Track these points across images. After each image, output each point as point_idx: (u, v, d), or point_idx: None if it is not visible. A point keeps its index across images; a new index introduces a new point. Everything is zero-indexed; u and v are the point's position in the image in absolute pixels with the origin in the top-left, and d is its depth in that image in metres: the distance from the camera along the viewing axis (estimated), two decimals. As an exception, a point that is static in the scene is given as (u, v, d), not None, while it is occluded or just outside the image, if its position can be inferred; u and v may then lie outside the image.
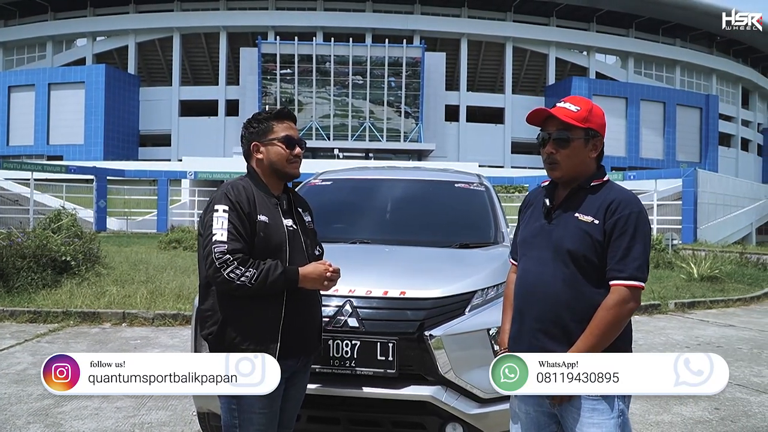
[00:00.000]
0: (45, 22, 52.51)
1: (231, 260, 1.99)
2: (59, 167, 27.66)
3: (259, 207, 2.15)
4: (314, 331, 2.29)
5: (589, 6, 50.77)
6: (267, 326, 2.10)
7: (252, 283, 1.99)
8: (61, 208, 14.39)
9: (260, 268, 2.02)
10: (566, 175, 1.96)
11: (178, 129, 50.02)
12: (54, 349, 5.76)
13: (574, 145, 1.93)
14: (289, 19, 49.67)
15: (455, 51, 51.05)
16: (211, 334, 2.13)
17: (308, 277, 2.11)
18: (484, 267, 3.19)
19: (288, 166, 2.24)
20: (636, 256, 1.83)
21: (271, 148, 2.23)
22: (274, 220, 2.17)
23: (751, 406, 4.45)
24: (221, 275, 1.98)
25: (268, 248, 2.12)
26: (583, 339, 1.83)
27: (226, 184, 2.21)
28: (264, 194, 2.21)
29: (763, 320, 8.22)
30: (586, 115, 1.93)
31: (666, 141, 50.60)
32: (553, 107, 1.97)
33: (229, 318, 2.09)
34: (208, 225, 2.08)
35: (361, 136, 47.30)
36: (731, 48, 57.15)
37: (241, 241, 2.05)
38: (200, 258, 2.13)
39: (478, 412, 2.72)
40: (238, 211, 2.08)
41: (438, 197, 4.27)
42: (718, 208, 27.43)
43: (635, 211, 1.86)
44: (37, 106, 46.97)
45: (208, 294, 2.14)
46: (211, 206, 2.12)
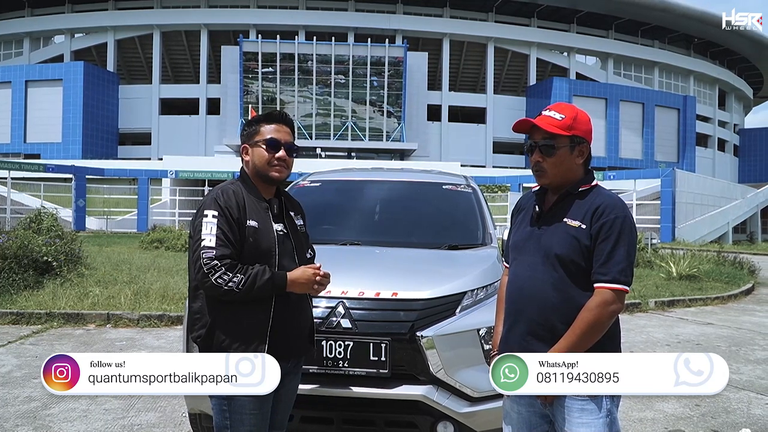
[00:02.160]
0: (22, 19, 51.61)
1: (219, 266, 2.01)
2: (37, 166, 27.29)
3: (249, 212, 2.15)
4: (304, 333, 2.30)
5: (569, 7, 51.26)
6: (255, 329, 2.11)
7: (239, 289, 2.01)
8: (41, 208, 14.20)
9: (248, 274, 2.03)
10: (554, 181, 2.01)
11: (158, 127, 49.51)
12: (38, 351, 5.71)
13: (559, 153, 1.97)
14: (271, 17, 49.41)
15: (437, 51, 51.21)
16: (200, 336, 2.15)
17: (297, 282, 2.12)
18: (474, 268, 3.24)
19: (270, 170, 2.21)
20: (619, 259, 1.88)
21: (256, 150, 2.22)
22: (264, 225, 2.17)
23: (731, 403, 4.57)
24: (209, 280, 2.01)
25: (257, 253, 2.12)
26: (564, 338, 1.88)
27: (217, 188, 2.21)
28: (255, 198, 2.21)
29: (741, 318, 8.41)
30: (571, 122, 1.97)
31: (645, 141, 51.28)
32: (539, 116, 2.02)
33: (217, 321, 2.11)
34: (198, 230, 2.09)
35: (343, 136, 47.25)
36: (708, 50, 58.12)
37: (230, 247, 2.06)
38: (190, 261, 2.15)
39: (469, 411, 2.78)
40: (227, 217, 2.09)
41: (426, 199, 4.32)
42: (695, 208, 27.92)
43: (620, 215, 1.92)
44: (13, 103, 46.14)
45: (197, 296, 2.16)
46: (201, 211, 2.13)
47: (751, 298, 10.56)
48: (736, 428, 4.01)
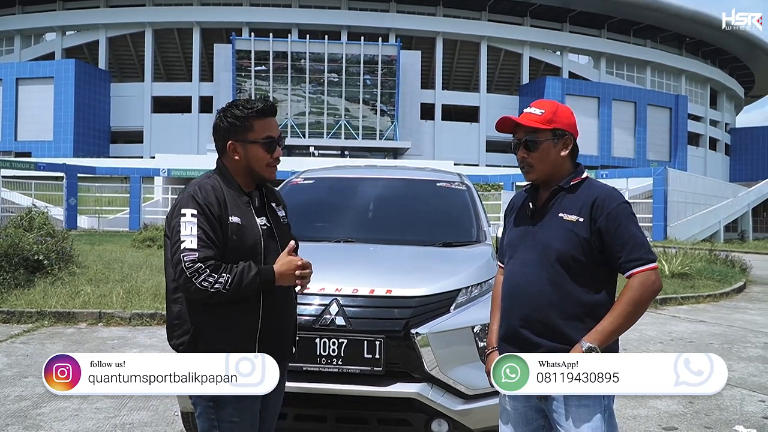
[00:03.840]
0: (13, 16, 51.24)
1: (203, 268, 1.86)
2: (28, 164, 27.11)
3: (230, 207, 1.99)
4: (290, 336, 2.17)
5: (562, 6, 51.41)
6: (243, 332, 1.98)
7: (227, 289, 1.87)
8: (33, 206, 14.10)
9: (233, 272, 1.89)
10: (541, 176, 2.03)
11: (150, 126, 49.29)
12: (29, 350, 5.66)
13: (542, 147, 2.00)
14: (264, 15, 49.28)
15: (430, 49, 51.23)
16: (182, 344, 1.99)
17: (284, 273, 1.97)
18: (468, 265, 3.23)
19: (266, 170, 2.08)
20: (640, 242, 1.90)
21: (251, 150, 2.04)
22: (248, 221, 2.03)
23: (724, 400, 4.59)
24: (193, 285, 1.85)
25: (241, 250, 1.98)
26: (608, 320, 1.86)
27: (192, 184, 2.04)
28: (234, 193, 2.05)
29: (733, 316, 8.45)
30: (551, 116, 2.00)
31: (637, 140, 51.53)
32: (520, 114, 2.06)
33: (201, 326, 1.96)
34: (176, 231, 1.92)
35: (336, 134, 47.21)
36: (700, 49, 58.43)
37: (213, 247, 1.91)
38: (167, 262, 2.00)
39: (463, 408, 2.77)
40: (207, 214, 1.93)
41: (420, 196, 4.31)
42: (687, 207, 28.04)
43: (621, 202, 1.95)
44: (4, 101, 45.89)
45: (177, 300, 2.00)
46: (177, 210, 1.96)
47: (742, 296, 10.61)
48: (730, 425, 4.02)
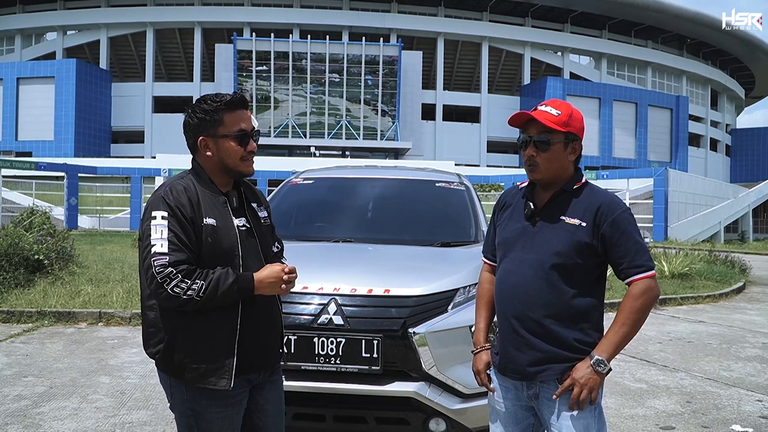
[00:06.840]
0: (13, 15, 51.24)
1: (174, 273, 1.75)
2: (29, 164, 27.08)
3: (205, 208, 1.89)
4: (275, 342, 2.06)
5: (563, 7, 51.37)
6: (221, 342, 1.87)
7: (200, 296, 1.76)
8: (33, 206, 14.11)
9: (209, 279, 1.78)
10: (546, 177, 2.00)
11: (151, 125, 49.30)
12: (29, 349, 5.67)
13: (554, 149, 1.96)
14: (265, 15, 49.28)
15: (432, 50, 51.22)
16: (158, 353, 1.90)
17: (264, 282, 1.86)
18: (466, 265, 3.24)
19: (241, 165, 1.97)
20: (642, 249, 1.91)
21: (223, 144, 1.94)
22: (224, 222, 1.92)
23: (721, 399, 4.60)
24: (164, 291, 1.75)
25: (217, 254, 1.87)
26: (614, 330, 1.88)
27: (163, 185, 1.93)
28: (210, 193, 1.95)
29: (732, 316, 8.45)
30: (566, 119, 1.97)
31: (638, 141, 51.50)
32: (535, 110, 2.00)
33: (176, 335, 1.86)
34: (146, 235, 1.82)
35: (337, 135, 47.19)
36: (701, 50, 58.39)
37: (185, 251, 1.80)
38: (141, 269, 1.89)
39: (461, 407, 2.79)
40: (178, 217, 1.83)
41: (419, 196, 4.32)
42: (688, 207, 28.04)
43: (623, 209, 1.95)
44: (5, 101, 45.87)
45: (152, 306, 1.90)
46: (147, 213, 1.85)
47: (742, 296, 10.62)
48: (727, 425, 4.03)
